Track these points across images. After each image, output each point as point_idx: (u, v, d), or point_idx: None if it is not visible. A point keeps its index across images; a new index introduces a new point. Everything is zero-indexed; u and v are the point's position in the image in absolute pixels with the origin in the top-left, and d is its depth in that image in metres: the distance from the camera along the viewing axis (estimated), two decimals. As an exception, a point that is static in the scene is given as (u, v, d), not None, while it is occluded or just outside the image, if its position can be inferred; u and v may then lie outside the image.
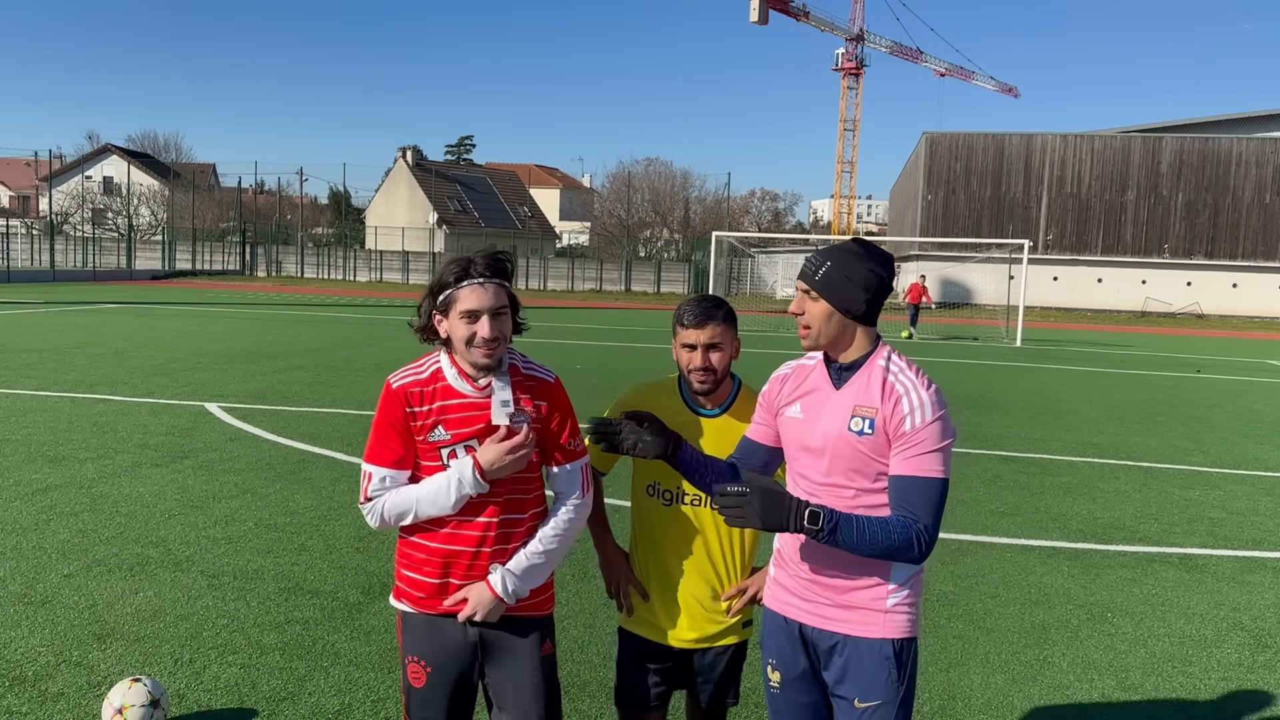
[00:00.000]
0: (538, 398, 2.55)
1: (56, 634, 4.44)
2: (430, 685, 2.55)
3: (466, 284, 2.42)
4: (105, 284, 40.78)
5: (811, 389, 2.41)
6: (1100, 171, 47.14)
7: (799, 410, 2.40)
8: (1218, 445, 10.58)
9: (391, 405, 2.52)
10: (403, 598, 2.62)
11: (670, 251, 62.89)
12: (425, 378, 2.52)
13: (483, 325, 2.41)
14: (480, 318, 2.41)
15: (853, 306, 2.30)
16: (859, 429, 2.27)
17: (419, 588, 2.56)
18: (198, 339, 18.22)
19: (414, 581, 2.57)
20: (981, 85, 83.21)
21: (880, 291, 2.32)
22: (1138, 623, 5.11)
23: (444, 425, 2.48)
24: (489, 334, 2.41)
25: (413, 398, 2.50)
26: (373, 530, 6.19)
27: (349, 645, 4.44)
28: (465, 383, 2.50)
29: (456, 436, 2.49)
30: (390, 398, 2.52)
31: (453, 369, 2.51)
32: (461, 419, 2.49)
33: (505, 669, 2.56)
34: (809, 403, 2.39)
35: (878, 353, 2.35)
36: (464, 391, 2.50)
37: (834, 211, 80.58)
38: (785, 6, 70.22)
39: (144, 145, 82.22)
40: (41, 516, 6.28)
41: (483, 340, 2.41)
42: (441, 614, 2.54)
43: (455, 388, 2.50)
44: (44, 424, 9.34)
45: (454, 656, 2.55)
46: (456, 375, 2.51)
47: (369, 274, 55.27)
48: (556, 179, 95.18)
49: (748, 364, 3.25)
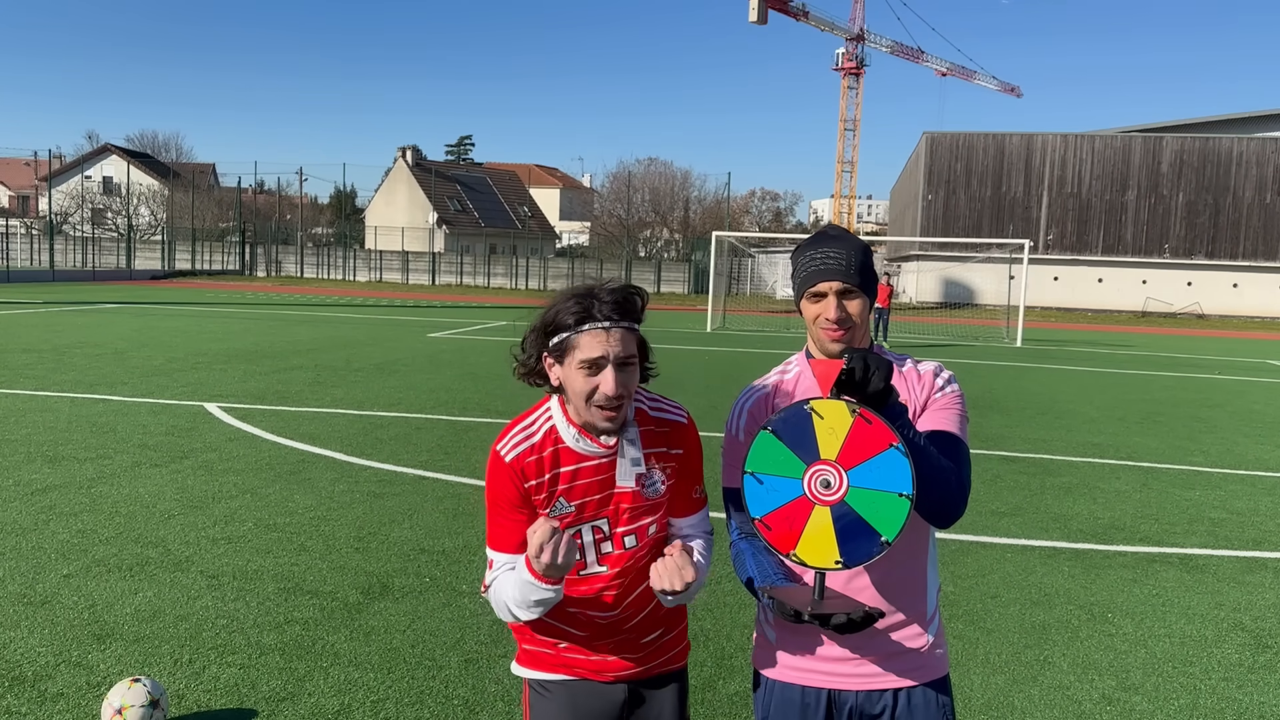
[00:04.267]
0: (671, 445, 2.15)
1: (56, 634, 4.44)
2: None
3: (589, 327, 1.98)
4: (105, 284, 40.78)
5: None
6: (1101, 171, 47.14)
7: None
8: (1218, 445, 10.57)
9: (503, 482, 2.09)
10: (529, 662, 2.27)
11: (670, 251, 62.89)
12: (538, 441, 2.09)
13: (606, 380, 1.97)
14: (604, 369, 1.98)
15: (873, 298, 2.11)
16: None
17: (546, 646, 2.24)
18: (197, 339, 18.22)
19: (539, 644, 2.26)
20: (983, 85, 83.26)
21: None
22: (1138, 623, 5.10)
23: (566, 496, 2.08)
24: (613, 391, 1.97)
25: (529, 469, 2.08)
26: (372, 530, 6.20)
27: (349, 645, 4.44)
28: (587, 440, 2.08)
29: (587, 506, 2.09)
30: (500, 473, 2.09)
31: (570, 427, 2.08)
32: (587, 485, 2.08)
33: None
34: None
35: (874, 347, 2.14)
36: (586, 453, 2.09)
37: (834, 211, 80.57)
38: (784, 6, 70.22)
39: (144, 145, 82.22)
40: (41, 516, 6.28)
41: (605, 398, 1.98)
42: (580, 677, 2.22)
43: (575, 449, 2.08)
44: (43, 424, 9.33)
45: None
46: (576, 435, 2.08)
47: (369, 274, 55.26)
48: (556, 179, 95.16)
49: (747, 365, 3.23)
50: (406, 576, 5.38)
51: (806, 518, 1.85)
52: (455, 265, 54.80)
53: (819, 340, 2.08)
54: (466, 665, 4.26)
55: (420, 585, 5.25)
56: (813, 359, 2.15)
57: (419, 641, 4.51)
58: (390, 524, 6.37)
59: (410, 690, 4.01)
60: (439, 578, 5.38)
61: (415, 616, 4.81)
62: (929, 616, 2.10)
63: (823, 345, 2.08)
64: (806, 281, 2.06)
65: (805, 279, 2.07)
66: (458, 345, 19.17)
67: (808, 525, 1.85)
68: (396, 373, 14.18)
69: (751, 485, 1.88)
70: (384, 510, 6.70)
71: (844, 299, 2.03)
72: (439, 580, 5.34)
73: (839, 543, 1.83)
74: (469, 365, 15.56)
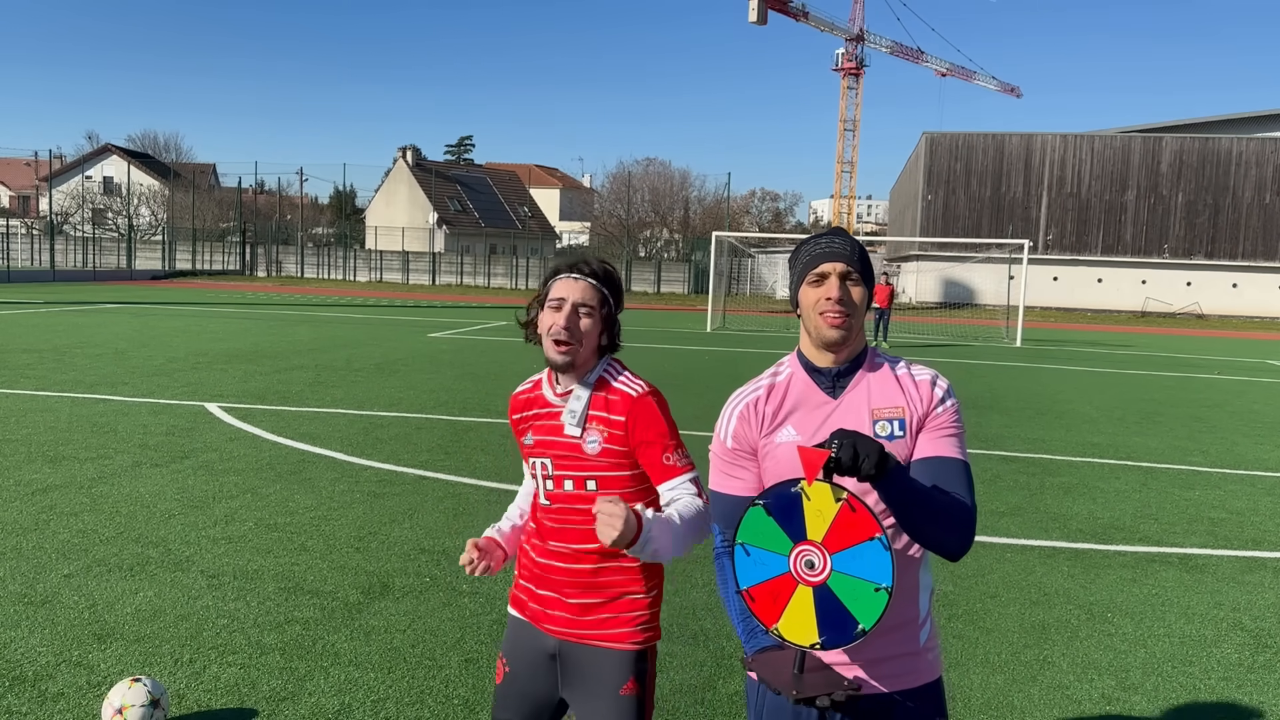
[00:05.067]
0: (613, 412, 2.36)
1: (56, 634, 4.44)
2: (506, 683, 2.53)
3: (563, 276, 2.39)
4: (105, 284, 40.78)
5: (799, 404, 2.07)
6: (1100, 171, 47.15)
7: (793, 432, 2.05)
8: (1218, 445, 10.58)
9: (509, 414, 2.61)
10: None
11: (670, 251, 62.89)
12: (528, 387, 2.55)
13: (560, 314, 2.33)
14: (562, 306, 2.34)
15: (871, 294, 2.09)
16: (887, 433, 2.00)
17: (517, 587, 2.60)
18: (198, 339, 18.22)
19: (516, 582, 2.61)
20: (983, 85, 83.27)
21: None
22: (1138, 623, 5.11)
23: (533, 431, 2.48)
24: (563, 323, 2.31)
25: (518, 404, 2.55)
26: (373, 530, 6.21)
27: (349, 645, 4.44)
28: (551, 390, 2.46)
29: (538, 444, 2.45)
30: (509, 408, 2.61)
31: (547, 380, 2.50)
32: (544, 427, 2.45)
33: (579, 700, 2.45)
34: (802, 420, 2.05)
35: (869, 350, 2.10)
36: (550, 400, 2.46)
37: (834, 211, 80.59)
38: (784, 7, 70.23)
39: (144, 145, 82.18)
40: (41, 516, 6.28)
41: (558, 329, 2.31)
42: (526, 618, 2.53)
43: (544, 395, 2.48)
44: (44, 424, 9.34)
45: (532, 663, 2.49)
46: (547, 382, 2.48)
47: (369, 274, 55.28)
48: (556, 179, 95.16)
49: (747, 365, 3.24)
50: (406, 576, 5.38)
51: (790, 595, 1.87)
52: (455, 265, 54.82)
53: (817, 328, 2.02)
54: (466, 665, 4.27)
55: (420, 585, 5.26)
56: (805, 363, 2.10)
57: (419, 641, 4.51)
58: (390, 524, 6.37)
59: (410, 690, 4.02)
60: (439, 577, 5.39)
61: (415, 616, 4.81)
62: (921, 620, 2.07)
63: (821, 333, 2.02)
64: (810, 264, 2.04)
65: (809, 262, 2.05)
66: (458, 345, 19.17)
67: (790, 603, 1.87)
68: (396, 373, 14.19)
69: (740, 556, 1.92)
70: (384, 510, 6.70)
71: (847, 282, 2.01)
72: (439, 580, 5.35)
73: (819, 624, 1.85)
74: (469, 365, 15.56)
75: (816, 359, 2.07)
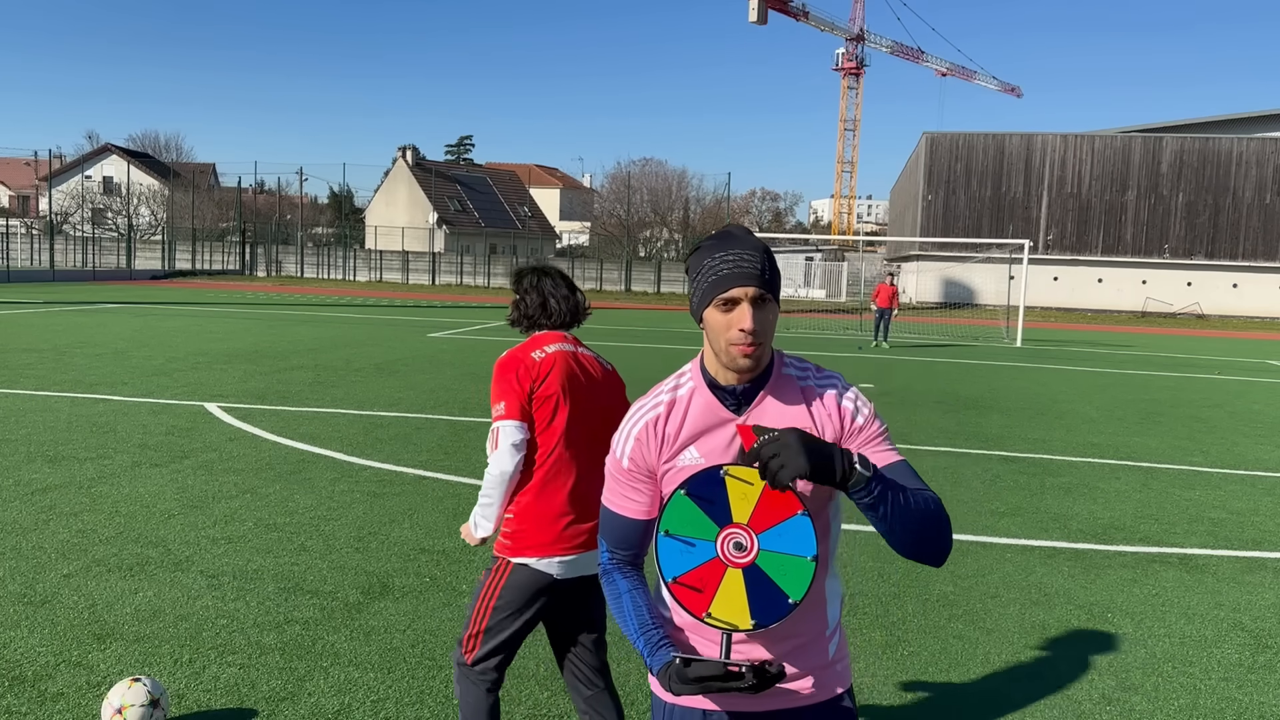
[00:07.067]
0: None
1: (56, 634, 4.44)
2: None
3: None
4: (105, 284, 40.78)
5: (704, 426, 1.95)
6: (1100, 171, 47.14)
7: (696, 454, 1.93)
8: (1218, 445, 10.58)
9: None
10: None
11: (670, 251, 62.88)
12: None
13: None
14: None
15: (779, 305, 1.93)
16: None
17: None
18: (198, 339, 18.22)
19: None
20: (983, 85, 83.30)
21: None
22: (1138, 623, 5.11)
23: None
24: None
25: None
26: (373, 530, 6.21)
27: (349, 645, 4.44)
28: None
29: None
30: None
31: None
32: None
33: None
34: (708, 444, 1.94)
35: (775, 360, 1.96)
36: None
37: (834, 211, 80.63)
38: (784, 6, 70.29)
39: (144, 145, 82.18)
40: (41, 516, 6.28)
41: None
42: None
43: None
44: (44, 424, 9.34)
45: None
46: None
47: (369, 274, 55.26)
48: (556, 179, 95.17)
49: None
50: (406, 576, 5.38)
51: (719, 580, 1.87)
52: (455, 265, 54.79)
53: (730, 356, 1.87)
54: (466, 665, 4.26)
55: (420, 585, 5.25)
56: (709, 379, 1.96)
57: (419, 641, 4.51)
58: (390, 524, 6.37)
59: (410, 690, 4.02)
60: (439, 577, 5.38)
61: (415, 616, 4.81)
62: (830, 632, 2.01)
63: (734, 362, 1.88)
64: (718, 285, 1.85)
65: (716, 282, 1.85)
66: (458, 345, 19.17)
67: (720, 587, 1.87)
68: (396, 373, 14.19)
69: (666, 545, 1.88)
70: (384, 510, 6.70)
71: (757, 307, 1.85)
72: (439, 580, 5.35)
73: (750, 604, 1.85)
74: (469, 365, 15.56)
75: (721, 376, 1.93)
